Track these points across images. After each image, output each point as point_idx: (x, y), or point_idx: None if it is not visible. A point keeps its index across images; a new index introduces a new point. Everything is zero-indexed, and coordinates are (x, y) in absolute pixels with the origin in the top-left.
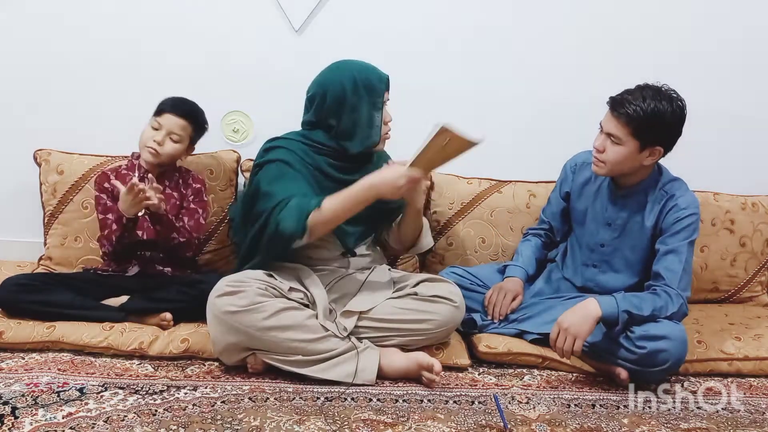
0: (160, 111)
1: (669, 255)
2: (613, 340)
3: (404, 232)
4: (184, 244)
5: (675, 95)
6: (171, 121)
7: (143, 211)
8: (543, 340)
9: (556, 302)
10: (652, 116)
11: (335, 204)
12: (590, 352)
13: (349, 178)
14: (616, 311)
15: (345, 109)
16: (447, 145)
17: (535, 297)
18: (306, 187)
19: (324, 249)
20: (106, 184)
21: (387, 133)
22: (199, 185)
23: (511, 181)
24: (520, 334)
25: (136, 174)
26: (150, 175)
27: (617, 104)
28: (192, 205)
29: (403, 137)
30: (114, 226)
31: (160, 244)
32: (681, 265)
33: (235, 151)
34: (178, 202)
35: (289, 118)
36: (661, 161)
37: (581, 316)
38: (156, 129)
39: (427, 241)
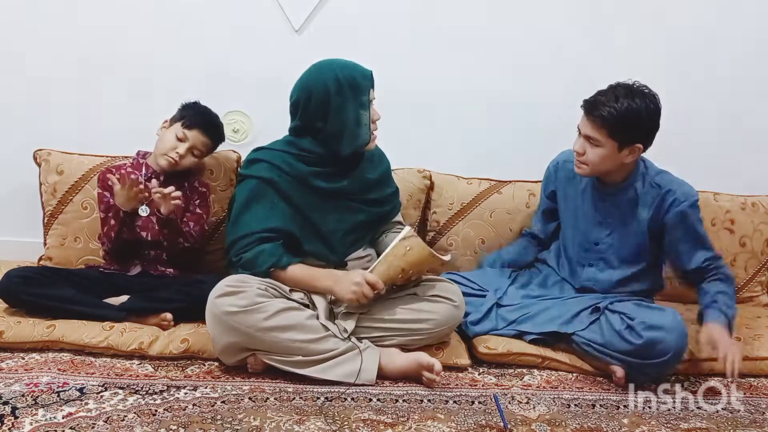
0: (189, 125)
1: (697, 248)
2: (614, 332)
3: None
4: (189, 249)
5: (647, 91)
6: (198, 138)
7: (147, 211)
8: (542, 340)
9: (554, 302)
10: (626, 115)
11: (299, 275)
12: (590, 350)
13: (336, 186)
14: (730, 317)
15: (331, 111)
16: (408, 253)
17: (532, 299)
18: (278, 214)
19: (315, 258)
20: (110, 183)
21: (374, 134)
22: (204, 189)
23: (510, 181)
24: (520, 335)
25: (143, 173)
26: (173, 188)
27: (591, 107)
28: (198, 210)
29: (403, 138)
30: (112, 222)
31: (165, 246)
32: (709, 245)
33: (235, 151)
34: (182, 205)
35: (289, 119)
36: (657, 157)
37: (720, 335)
38: (180, 140)
39: None
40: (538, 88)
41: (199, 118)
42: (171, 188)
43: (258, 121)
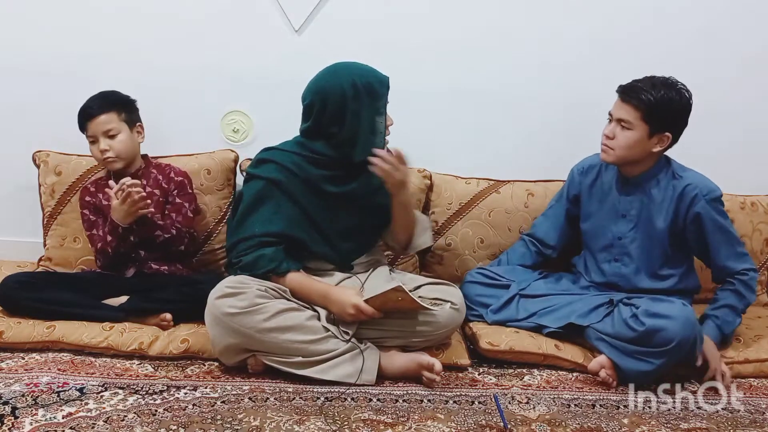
0: (81, 127)
1: (722, 245)
2: (622, 321)
3: (395, 230)
4: (172, 240)
5: (682, 86)
6: (94, 125)
7: None
8: (558, 333)
9: (578, 297)
10: (662, 102)
11: (296, 284)
12: (601, 343)
13: (345, 189)
14: (726, 333)
15: (347, 116)
16: (401, 301)
17: (557, 294)
18: (282, 217)
19: (321, 261)
20: (88, 198)
21: (387, 139)
22: (181, 178)
23: (509, 181)
24: (538, 328)
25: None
26: (130, 180)
27: (628, 90)
28: (177, 200)
29: (403, 138)
30: (109, 238)
31: (148, 243)
32: (735, 245)
33: (233, 151)
34: (161, 199)
35: (290, 118)
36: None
37: (712, 351)
38: (94, 141)
39: (423, 239)
40: (539, 89)
41: (80, 114)
42: (126, 180)
43: (258, 121)
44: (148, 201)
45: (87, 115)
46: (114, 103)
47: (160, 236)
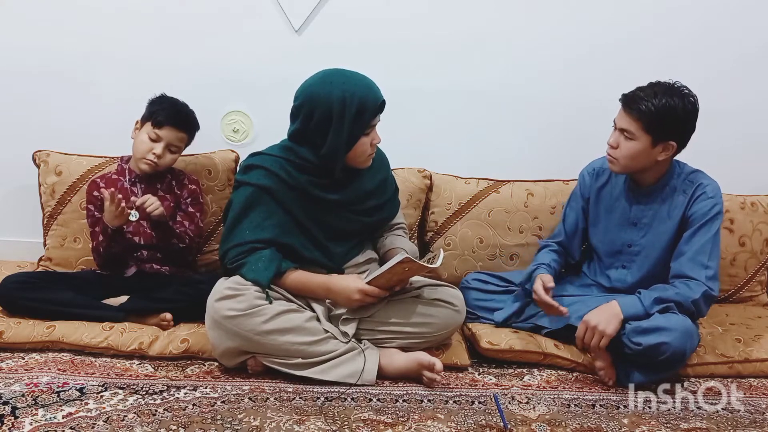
0: (159, 123)
1: (687, 252)
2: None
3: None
4: (185, 250)
5: (687, 91)
6: (171, 134)
7: (137, 216)
8: (557, 333)
9: (578, 299)
10: (662, 111)
11: (296, 283)
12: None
13: (334, 197)
14: (641, 311)
15: (331, 131)
16: (408, 271)
17: (559, 297)
18: (273, 223)
19: (314, 266)
20: (96, 193)
21: (372, 155)
22: (194, 186)
23: (508, 181)
24: (537, 329)
25: (127, 178)
26: (149, 198)
27: (629, 100)
28: (190, 209)
29: (403, 138)
30: (101, 237)
31: (159, 247)
32: (703, 261)
33: (233, 151)
34: (172, 204)
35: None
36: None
37: (608, 315)
38: (154, 141)
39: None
40: (539, 88)
41: (167, 113)
42: (146, 199)
43: (258, 122)
44: (160, 211)
45: (174, 121)
46: (194, 127)
47: (176, 244)
